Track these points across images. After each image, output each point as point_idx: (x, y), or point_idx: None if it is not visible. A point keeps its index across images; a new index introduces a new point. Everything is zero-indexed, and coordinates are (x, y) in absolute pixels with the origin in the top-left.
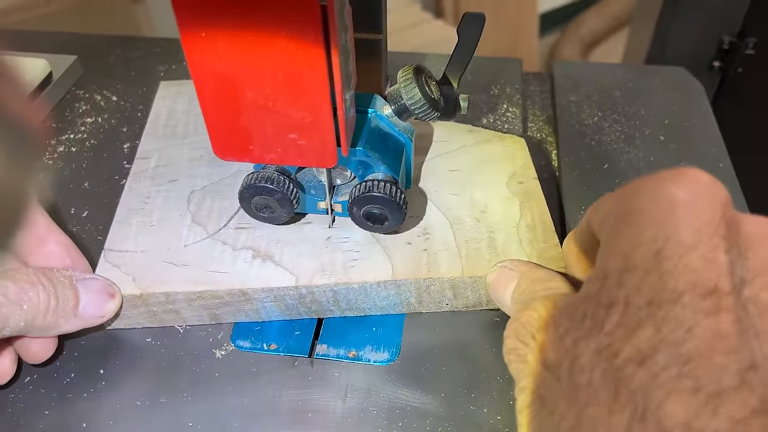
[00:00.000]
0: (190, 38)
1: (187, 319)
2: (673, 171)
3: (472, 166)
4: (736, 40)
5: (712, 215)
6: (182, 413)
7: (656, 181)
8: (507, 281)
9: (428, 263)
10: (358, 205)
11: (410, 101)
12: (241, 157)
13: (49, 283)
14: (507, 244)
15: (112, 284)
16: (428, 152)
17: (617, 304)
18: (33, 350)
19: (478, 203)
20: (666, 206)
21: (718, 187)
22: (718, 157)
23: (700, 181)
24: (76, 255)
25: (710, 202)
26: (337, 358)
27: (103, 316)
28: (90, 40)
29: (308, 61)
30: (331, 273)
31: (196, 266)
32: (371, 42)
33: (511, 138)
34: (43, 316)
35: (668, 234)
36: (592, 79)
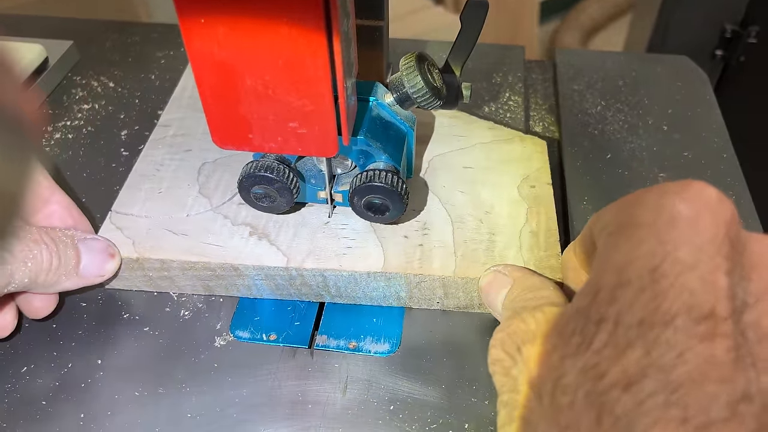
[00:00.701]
0: (189, 24)
1: (181, 287)
2: (678, 183)
3: (486, 165)
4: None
5: (715, 233)
6: (181, 404)
7: (659, 193)
8: (499, 286)
9: (421, 259)
10: (358, 194)
11: (412, 89)
12: (241, 145)
13: (51, 242)
14: (506, 249)
15: (112, 245)
16: (443, 145)
17: (607, 321)
18: (35, 306)
19: (485, 203)
20: (667, 220)
21: (724, 204)
22: (722, 147)
23: (705, 196)
24: (78, 215)
25: (714, 219)
26: (337, 349)
27: (103, 276)
28: (86, 26)
29: (309, 48)
30: (322, 258)
31: (194, 237)
32: (372, 29)
33: (532, 139)
34: (45, 273)
35: (667, 250)
36: (595, 68)
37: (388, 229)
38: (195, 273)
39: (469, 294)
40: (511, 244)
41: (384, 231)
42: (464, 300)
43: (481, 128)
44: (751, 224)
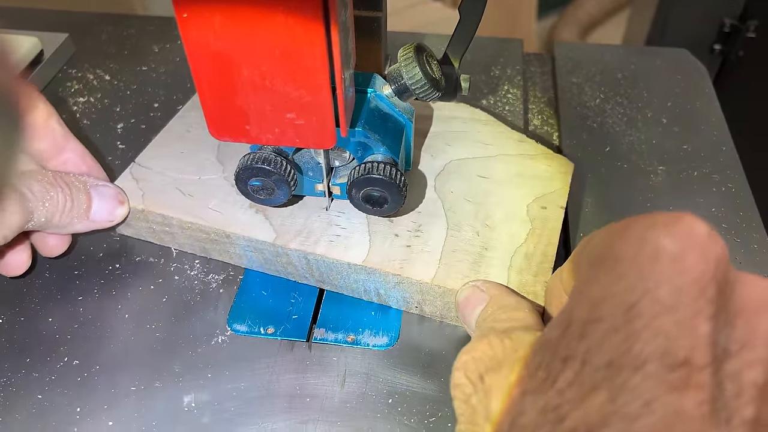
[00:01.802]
0: (185, 14)
1: (181, 245)
2: (667, 215)
3: (503, 178)
4: (737, 22)
5: (700, 273)
6: (178, 398)
7: (645, 224)
8: (476, 302)
9: (404, 260)
10: (357, 187)
11: (411, 81)
12: (238, 137)
13: (66, 186)
14: (494, 266)
15: (122, 192)
16: (465, 150)
17: (574, 359)
18: (50, 244)
19: (488, 216)
20: (650, 256)
21: (714, 241)
22: (722, 141)
23: (694, 232)
24: (92, 163)
25: (702, 257)
26: (335, 342)
27: (112, 221)
28: (82, 18)
29: (307, 38)
30: (309, 241)
31: (198, 199)
32: (371, 20)
33: (560, 160)
34: (60, 215)
35: (646, 288)
36: (593, 61)
37: (383, 224)
38: (192, 233)
39: (446, 304)
40: (501, 263)
41: (377, 226)
42: (440, 309)
43: (509, 139)
44: (750, 217)
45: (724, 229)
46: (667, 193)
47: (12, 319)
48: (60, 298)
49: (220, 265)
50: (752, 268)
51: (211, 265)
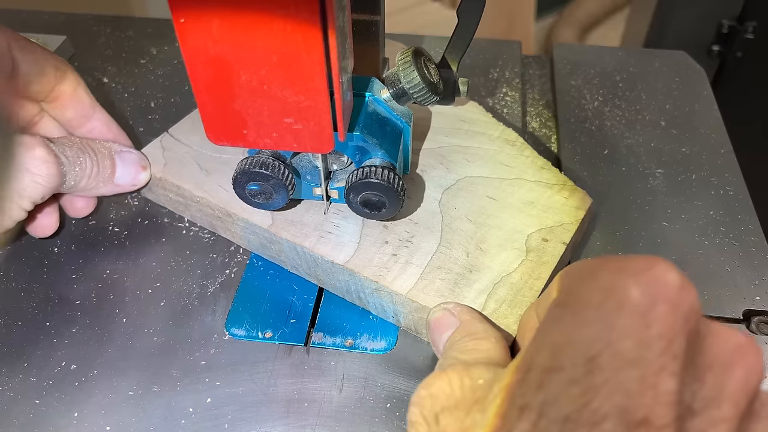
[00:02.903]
0: (183, 19)
1: (193, 216)
2: (638, 262)
3: (512, 203)
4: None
5: (668, 326)
6: (176, 403)
7: (614, 270)
8: (446, 326)
9: (384, 268)
10: (354, 191)
11: (409, 85)
12: (235, 141)
13: (92, 152)
14: (473, 289)
15: (144, 158)
16: (483, 169)
17: (531, 410)
18: (78, 206)
19: (483, 239)
20: (616, 305)
21: (686, 293)
22: (720, 143)
23: (664, 282)
24: (117, 130)
25: (670, 309)
26: (333, 346)
27: (135, 185)
28: (80, 20)
29: (304, 43)
30: (300, 233)
31: (213, 176)
32: (369, 23)
33: (578, 194)
34: (87, 178)
35: (609, 339)
36: (592, 63)
37: (376, 229)
38: (200, 208)
39: (420, 320)
40: (482, 288)
41: (371, 229)
42: (414, 324)
43: (532, 165)
44: (748, 220)
45: (722, 233)
46: (666, 196)
47: (9, 323)
48: (57, 302)
49: (218, 268)
50: (750, 272)
51: (209, 268)
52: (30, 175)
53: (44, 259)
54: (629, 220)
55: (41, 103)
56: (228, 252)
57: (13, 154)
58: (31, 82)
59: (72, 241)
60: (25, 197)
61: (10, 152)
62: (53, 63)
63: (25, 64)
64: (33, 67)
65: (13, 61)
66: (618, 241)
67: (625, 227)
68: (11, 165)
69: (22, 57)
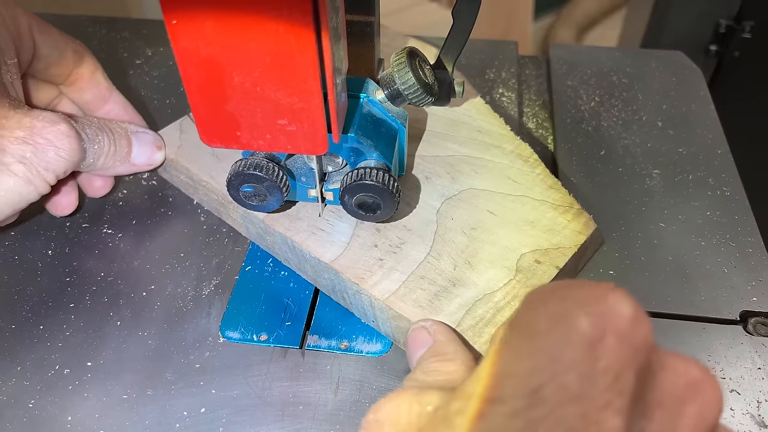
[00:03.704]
0: (175, 21)
1: (202, 200)
2: (591, 290)
3: (511, 220)
4: (733, 23)
5: (616, 360)
6: (170, 406)
7: (565, 297)
8: (420, 344)
9: (368, 271)
10: (349, 193)
11: (404, 86)
12: (229, 143)
13: (110, 132)
14: (452, 303)
15: (160, 139)
16: (490, 183)
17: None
18: (95, 186)
19: (475, 254)
20: (563, 335)
21: (639, 325)
22: (717, 144)
23: (615, 313)
24: (133, 113)
25: (619, 342)
26: (328, 349)
27: (151, 165)
28: (75, 21)
29: (298, 44)
30: (293, 227)
31: (223, 162)
32: (363, 24)
33: (582, 219)
34: (104, 157)
35: (554, 372)
36: (588, 63)
37: (368, 231)
38: (207, 192)
39: (397, 328)
40: (462, 303)
41: (363, 231)
42: (392, 331)
43: (541, 183)
44: (745, 221)
45: (719, 234)
46: (662, 197)
47: (3, 326)
48: (51, 305)
49: (213, 271)
50: (747, 273)
51: (204, 271)
52: (54, 149)
53: (38, 262)
54: (626, 221)
55: (60, 86)
56: (223, 255)
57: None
58: (51, 65)
59: (66, 244)
60: (50, 171)
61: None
62: (72, 47)
63: (45, 47)
64: (53, 51)
65: (35, 44)
66: (614, 242)
67: (622, 228)
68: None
69: (43, 40)
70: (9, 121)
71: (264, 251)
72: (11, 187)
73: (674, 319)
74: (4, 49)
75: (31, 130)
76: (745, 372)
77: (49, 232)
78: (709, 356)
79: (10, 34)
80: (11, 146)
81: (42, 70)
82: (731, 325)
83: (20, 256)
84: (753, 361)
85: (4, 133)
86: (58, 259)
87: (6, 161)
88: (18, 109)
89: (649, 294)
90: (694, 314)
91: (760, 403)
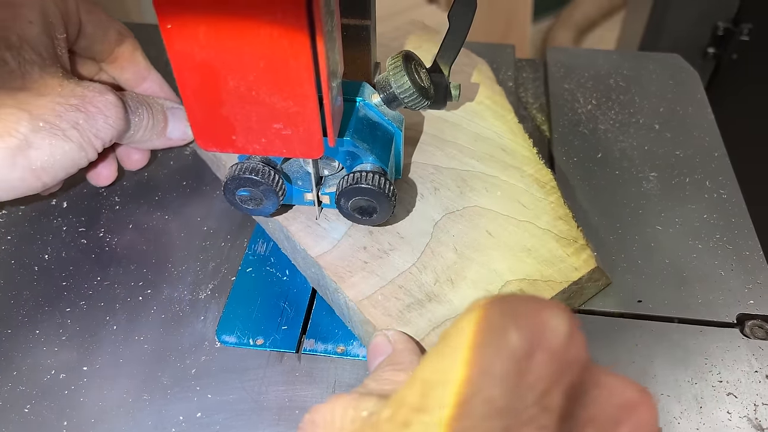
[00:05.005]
0: (169, 25)
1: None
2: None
3: (508, 244)
4: (731, 26)
5: (544, 376)
6: (166, 411)
7: (500, 310)
8: (380, 352)
9: (349, 272)
10: (345, 197)
11: (399, 90)
12: (224, 147)
13: (147, 106)
14: (423, 318)
15: None
16: (497, 204)
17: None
18: (133, 158)
19: (459, 273)
20: (493, 348)
21: (572, 343)
22: (714, 146)
23: (548, 329)
24: (169, 91)
25: (549, 358)
26: (325, 353)
27: (185, 140)
28: None
29: (292, 48)
30: (290, 216)
31: None
32: (359, 28)
33: (582, 255)
34: (143, 130)
35: (481, 385)
36: (586, 66)
37: (362, 232)
38: (225, 170)
39: (366, 333)
40: (432, 319)
41: (356, 232)
42: (362, 336)
43: (550, 212)
44: (742, 223)
45: (716, 236)
46: (659, 200)
47: None
48: (48, 309)
49: (210, 275)
50: (744, 276)
51: (200, 275)
52: (104, 118)
53: (34, 266)
54: (623, 224)
55: (101, 64)
56: (219, 258)
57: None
58: (94, 42)
59: (62, 248)
60: (99, 138)
61: None
62: (116, 27)
63: (90, 25)
64: (97, 29)
65: (80, 22)
66: (611, 245)
67: (619, 231)
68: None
69: (88, 19)
70: (64, 89)
71: (259, 255)
72: (66, 152)
73: (671, 323)
74: (55, 24)
75: (83, 98)
76: (742, 375)
77: (46, 237)
78: (706, 359)
79: (60, 11)
80: (67, 113)
81: (86, 47)
82: (728, 328)
83: (17, 261)
84: (750, 364)
85: (60, 100)
86: (54, 263)
87: (62, 126)
88: (71, 79)
89: (645, 297)
90: (690, 317)
91: (757, 406)
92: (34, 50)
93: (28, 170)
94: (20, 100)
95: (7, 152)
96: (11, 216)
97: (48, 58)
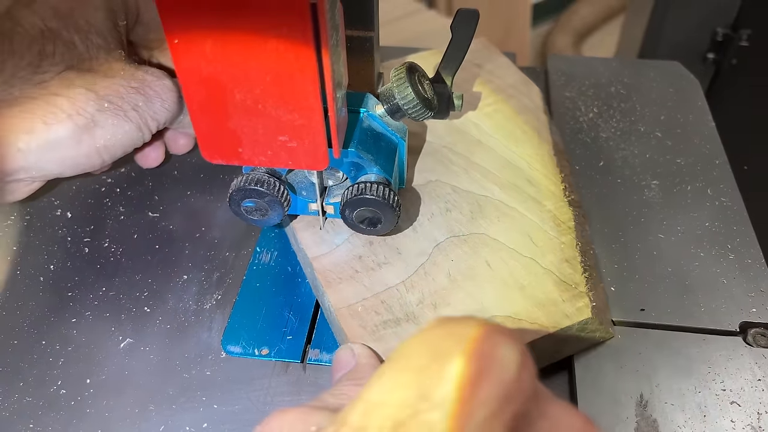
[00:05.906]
0: (177, 39)
1: None
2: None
3: (505, 279)
4: (730, 31)
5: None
6: (172, 422)
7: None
8: (343, 366)
9: (338, 278)
10: (350, 207)
11: (403, 101)
12: (230, 159)
13: None
14: (397, 338)
15: None
16: (507, 237)
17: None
18: (180, 143)
19: (445, 298)
20: (437, 372)
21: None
22: (715, 154)
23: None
24: None
25: (494, 386)
26: (329, 363)
27: None
28: None
29: (298, 62)
30: (298, 217)
31: None
32: (363, 39)
33: (580, 305)
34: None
35: (419, 408)
36: (586, 74)
37: (362, 241)
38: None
39: (341, 340)
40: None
41: (357, 240)
42: (340, 341)
43: (558, 252)
44: (744, 231)
45: (718, 244)
46: (661, 208)
47: (5, 342)
48: (54, 320)
49: (215, 285)
50: (747, 284)
51: (205, 285)
52: (160, 101)
53: (39, 277)
54: (625, 232)
55: (153, 51)
56: (224, 268)
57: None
58: (150, 31)
59: (68, 258)
60: (154, 120)
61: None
62: None
63: (147, 13)
64: (153, 19)
65: (138, 11)
66: (614, 253)
67: (621, 240)
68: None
69: (146, 7)
70: (126, 73)
71: (264, 265)
72: (126, 132)
73: (674, 331)
74: (117, 11)
75: (142, 82)
76: (745, 383)
77: (51, 247)
78: (709, 368)
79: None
80: (128, 95)
81: (142, 35)
82: (731, 337)
83: (22, 271)
84: (753, 373)
85: (122, 82)
86: (59, 273)
87: (124, 108)
88: (131, 63)
89: (648, 305)
90: (693, 326)
91: (760, 414)
92: (100, 35)
93: (93, 148)
94: (88, 81)
95: (75, 130)
96: (16, 226)
97: (112, 43)
